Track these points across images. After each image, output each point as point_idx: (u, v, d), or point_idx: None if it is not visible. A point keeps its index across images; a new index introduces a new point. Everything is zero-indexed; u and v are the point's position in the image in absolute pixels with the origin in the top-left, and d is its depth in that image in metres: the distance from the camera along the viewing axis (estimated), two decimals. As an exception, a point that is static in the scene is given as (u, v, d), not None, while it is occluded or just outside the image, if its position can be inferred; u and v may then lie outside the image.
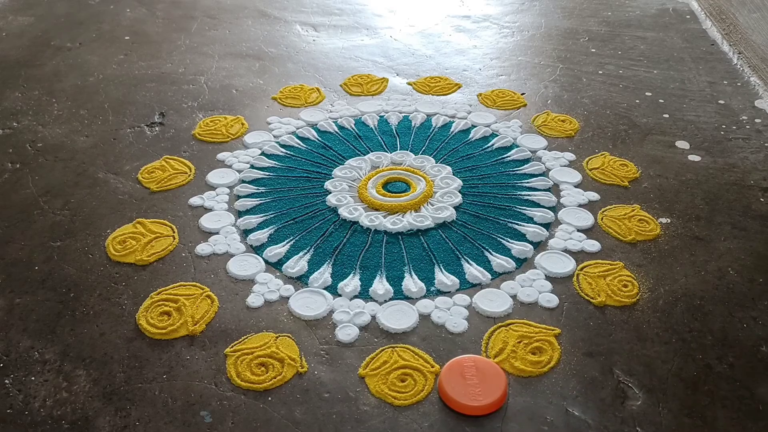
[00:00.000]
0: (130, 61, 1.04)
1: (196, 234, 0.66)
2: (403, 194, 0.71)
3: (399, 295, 0.58)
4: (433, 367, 0.51)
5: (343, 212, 0.69)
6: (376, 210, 0.69)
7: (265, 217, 0.68)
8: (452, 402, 0.47)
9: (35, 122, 0.86)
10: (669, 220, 0.68)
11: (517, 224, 0.67)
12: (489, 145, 0.81)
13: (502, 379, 0.49)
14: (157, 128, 0.85)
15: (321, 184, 0.74)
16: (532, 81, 0.98)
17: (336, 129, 0.85)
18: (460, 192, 0.72)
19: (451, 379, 0.49)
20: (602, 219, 0.68)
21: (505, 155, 0.79)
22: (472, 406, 0.47)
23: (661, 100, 0.92)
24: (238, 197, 0.72)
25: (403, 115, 0.88)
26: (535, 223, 0.68)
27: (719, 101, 0.92)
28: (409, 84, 0.97)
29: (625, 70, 1.02)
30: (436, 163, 0.77)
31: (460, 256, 0.63)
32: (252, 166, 0.77)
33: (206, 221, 0.67)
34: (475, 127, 0.85)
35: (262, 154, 0.79)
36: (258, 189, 0.73)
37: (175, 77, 0.98)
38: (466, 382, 0.48)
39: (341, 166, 0.77)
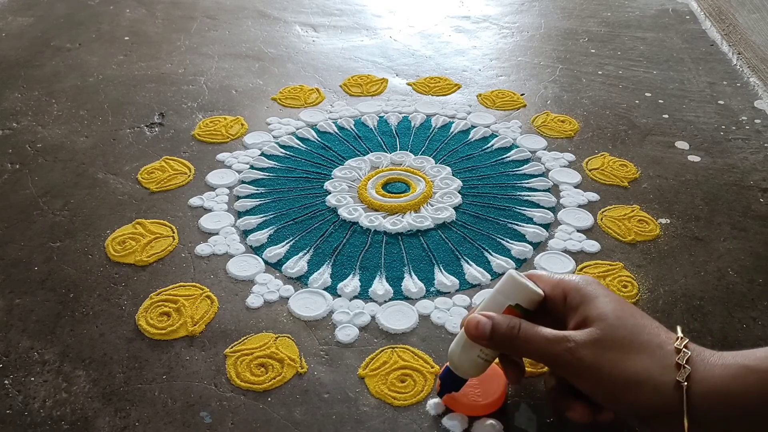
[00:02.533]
0: (130, 62, 1.04)
1: (195, 234, 0.66)
2: (402, 195, 0.71)
3: (399, 295, 0.58)
4: (432, 367, 0.51)
5: (343, 213, 0.69)
6: (376, 210, 0.69)
7: (264, 218, 0.68)
8: (451, 402, 0.47)
9: (35, 123, 0.86)
10: (669, 221, 0.68)
11: (516, 225, 0.67)
12: (489, 145, 0.82)
13: (502, 379, 0.49)
14: (156, 129, 0.85)
15: (321, 184, 0.74)
16: (532, 81, 0.98)
17: (336, 129, 0.85)
18: (459, 192, 0.72)
19: None
20: (602, 219, 0.68)
21: (504, 156, 0.79)
22: (471, 407, 0.47)
23: (660, 101, 0.92)
24: (238, 198, 0.72)
25: (403, 115, 0.88)
26: (535, 223, 0.68)
27: (719, 102, 0.92)
28: (408, 84, 0.97)
29: (624, 70, 1.02)
30: (436, 163, 0.77)
31: (460, 257, 0.63)
32: (252, 167, 0.77)
33: (206, 222, 0.67)
34: (475, 127, 0.85)
35: (262, 154, 0.79)
36: (258, 189, 0.73)
37: (175, 78, 0.99)
38: (467, 383, 0.48)
39: (341, 167, 0.77)
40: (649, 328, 0.40)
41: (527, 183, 0.74)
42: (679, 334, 0.40)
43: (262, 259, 0.62)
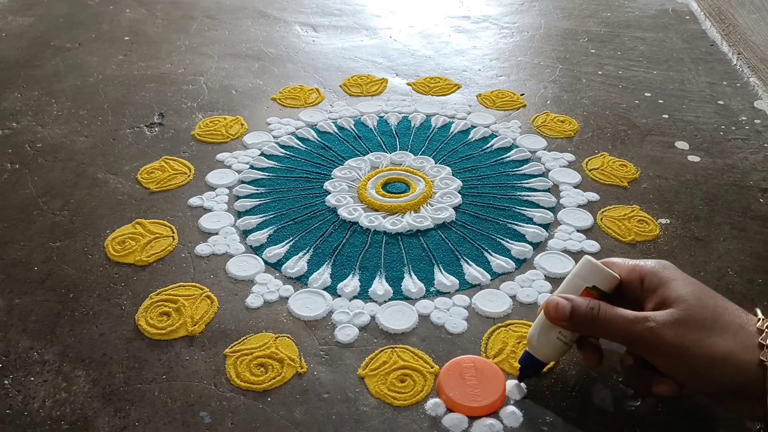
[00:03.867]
0: (130, 62, 1.04)
1: (195, 234, 0.66)
2: (402, 195, 0.71)
3: (398, 295, 0.58)
4: (432, 367, 0.51)
5: (343, 213, 0.69)
6: (376, 210, 0.69)
7: (264, 218, 0.68)
8: (451, 402, 0.47)
9: (35, 123, 0.86)
10: (668, 221, 0.68)
11: (516, 225, 0.67)
12: (488, 145, 0.82)
13: (501, 380, 0.49)
14: (156, 129, 0.85)
15: (320, 184, 0.74)
16: (532, 81, 0.98)
17: (335, 129, 0.85)
18: (459, 192, 0.72)
19: (450, 379, 0.49)
20: (602, 219, 0.68)
21: (504, 156, 0.79)
22: (471, 407, 0.47)
23: (660, 101, 0.92)
24: (238, 198, 0.72)
25: (403, 115, 0.88)
26: (535, 223, 0.68)
27: (718, 102, 0.92)
28: (408, 84, 0.97)
29: (624, 70, 1.02)
30: (436, 163, 0.77)
31: (460, 257, 0.63)
32: (251, 167, 0.77)
33: (206, 222, 0.67)
34: (475, 127, 0.85)
35: (262, 154, 0.79)
36: (257, 189, 0.73)
37: (175, 78, 0.99)
38: (465, 383, 0.48)
39: (341, 167, 0.77)
40: (729, 309, 0.41)
41: (527, 183, 0.74)
42: (760, 315, 0.41)
43: (262, 259, 0.62)
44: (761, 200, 0.71)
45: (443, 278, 0.60)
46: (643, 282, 0.44)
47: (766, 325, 0.40)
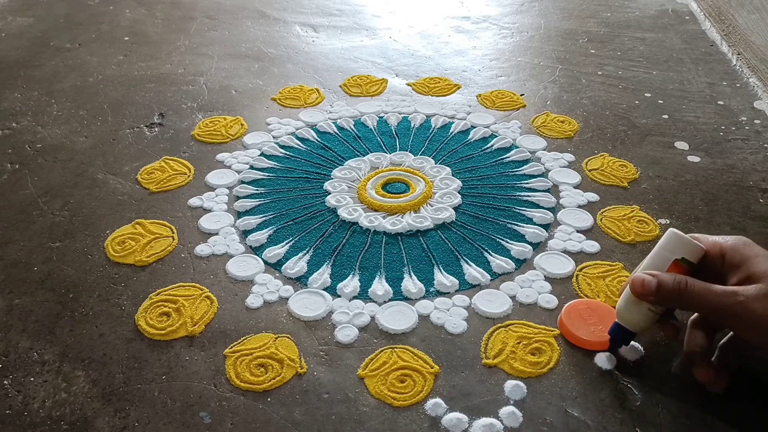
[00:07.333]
0: (130, 62, 1.04)
1: (195, 235, 0.66)
2: (402, 195, 0.71)
3: (398, 295, 0.58)
4: (432, 367, 0.51)
5: (343, 213, 0.69)
6: (376, 211, 0.69)
7: (264, 218, 0.68)
8: (580, 341, 0.52)
9: (34, 123, 0.86)
10: (668, 221, 0.68)
11: (516, 225, 0.67)
12: (488, 146, 0.82)
13: (615, 314, 0.53)
14: (156, 129, 0.85)
15: (320, 184, 0.74)
16: (532, 82, 0.98)
17: (335, 130, 0.85)
18: (459, 193, 0.72)
19: (573, 322, 0.53)
20: (601, 220, 0.68)
21: (504, 156, 0.79)
22: (599, 342, 0.51)
23: (660, 101, 0.92)
24: (238, 198, 0.72)
25: (403, 115, 0.88)
26: (535, 224, 0.68)
27: (718, 102, 0.92)
28: (408, 85, 0.97)
29: (624, 71, 1.02)
30: (436, 163, 0.77)
31: (460, 257, 0.63)
32: (251, 167, 0.77)
33: (205, 222, 0.67)
34: (475, 127, 0.85)
35: (262, 154, 0.79)
36: (257, 190, 0.73)
37: (175, 78, 0.99)
38: (587, 322, 0.53)
39: (340, 167, 0.77)
40: None
41: (527, 183, 0.74)
42: None
43: (262, 259, 0.62)
44: (761, 200, 0.71)
45: (443, 278, 0.60)
46: (725, 257, 0.46)
47: None
